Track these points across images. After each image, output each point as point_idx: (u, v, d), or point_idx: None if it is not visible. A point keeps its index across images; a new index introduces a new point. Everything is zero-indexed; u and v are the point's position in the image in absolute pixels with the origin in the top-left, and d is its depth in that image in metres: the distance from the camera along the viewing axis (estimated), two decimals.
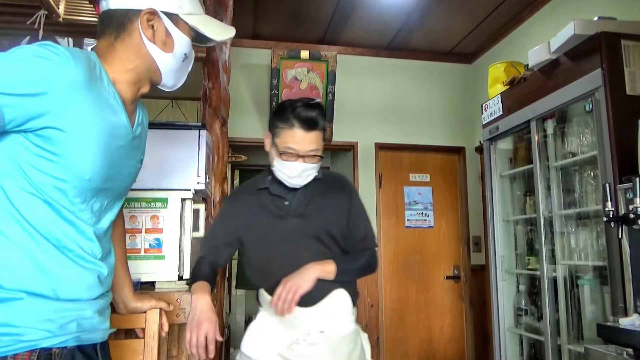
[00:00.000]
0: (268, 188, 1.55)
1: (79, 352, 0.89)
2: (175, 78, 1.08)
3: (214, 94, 2.50)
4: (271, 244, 1.52)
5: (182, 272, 1.69)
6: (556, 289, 2.40)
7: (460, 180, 4.18)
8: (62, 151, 0.85)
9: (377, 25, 3.72)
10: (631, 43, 2.04)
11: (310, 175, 1.50)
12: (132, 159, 1.05)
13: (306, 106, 1.44)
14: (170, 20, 1.00)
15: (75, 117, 0.85)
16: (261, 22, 3.66)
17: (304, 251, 1.48)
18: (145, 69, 1.01)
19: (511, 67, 2.82)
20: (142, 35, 0.97)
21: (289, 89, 3.78)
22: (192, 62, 1.10)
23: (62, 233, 0.89)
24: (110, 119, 0.93)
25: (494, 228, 2.90)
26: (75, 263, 0.91)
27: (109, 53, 0.97)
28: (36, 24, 2.36)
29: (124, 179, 1.03)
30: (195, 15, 1.04)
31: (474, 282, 4.00)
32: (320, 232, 1.50)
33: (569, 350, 2.30)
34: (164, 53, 1.00)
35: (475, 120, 3.92)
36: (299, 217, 1.51)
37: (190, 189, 1.76)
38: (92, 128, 0.88)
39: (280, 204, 1.53)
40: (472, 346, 3.94)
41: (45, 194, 0.86)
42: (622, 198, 1.81)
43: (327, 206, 1.55)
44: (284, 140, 1.45)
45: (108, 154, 0.93)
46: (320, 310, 1.46)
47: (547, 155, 2.50)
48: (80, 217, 0.92)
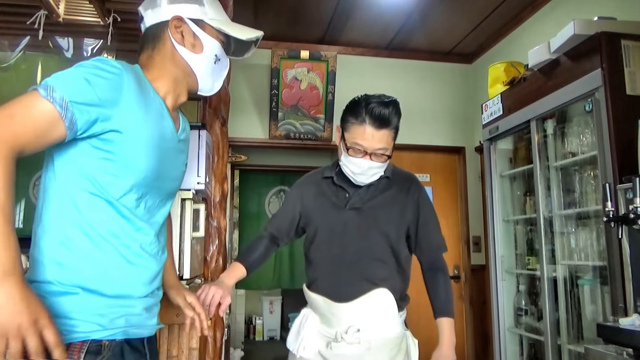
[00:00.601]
0: (333, 177, 1.56)
1: (127, 345, 0.96)
2: (211, 81, 1.16)
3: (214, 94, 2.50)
4: (323, 233, 1.53)
5: (182, 272, 1.69)
6: (556, 289, 2.40)
7: (460, 180, 4.18)
8: (121, 151, 0.94)
9: (377, 25, 3.72)
10: (631, 43, 2.04)
11: (376, 174, 1.48)
12: (179, 161, 1.15)
13: (380, 103, 1.40)
14: (196, 25, 1.09)
15: (130, 120, 0.95)
16: (261, 22, 3.65)
17: (349, 246, 1.48)
18: (181, 74, 1.10)
19: (511, 67, 2.82)
20: (173, 41, 1.08)
21: (289, 89, 3.78)
22: (227, 68, 1.18)
23: (120, 230, 0.97)
24: (159, 123, 1.03)
25: (494, 228, 2.90)
26: (129, 262, 0.98)
27: (149, 64, 1.09)
28: (36, 24, 2.36)
29: (173, 179, 1.13)
30: (220, 20, 1.12)
31: (474, 282, 4.00)
32: (372, 230, 1.49)
33: (569, 350, 2.30)
34: (194, 54, 1.09)
35: (475, 120, 3.92)
36: (355, 210, 1.50)
37: (190, 189, 1.76)
38: (144, 129, 0.98)
39: (342, 194, 1.54)
40: (472, 346, 3.94)
41: (107, 193, 0.95)
42: (622, 198, 1.81)
43: (388, 205, 1.52)
44: (353, 135, 1.43)
45: (159, 153, 1.02)
46: (357, 307, 1.43)
47: (547, 155, 2.50)
48: (136, 214, 1.00)
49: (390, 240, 1.49)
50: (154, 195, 1.06)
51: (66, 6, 2.34)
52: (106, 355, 0.91)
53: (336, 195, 1.54)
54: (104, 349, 0.92)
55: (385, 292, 1.46)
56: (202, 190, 1.86)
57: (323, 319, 1.49)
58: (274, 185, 5.58)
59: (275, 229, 1.62)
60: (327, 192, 1.56)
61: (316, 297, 1.50)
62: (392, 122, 1.41)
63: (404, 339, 1.50)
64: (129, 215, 0.98)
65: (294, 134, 3.85)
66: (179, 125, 1.14)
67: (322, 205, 1.55)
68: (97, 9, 2.33)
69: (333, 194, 1.55)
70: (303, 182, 1.67)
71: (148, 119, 0.99)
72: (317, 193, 1.58)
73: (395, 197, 1.54)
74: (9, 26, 2.55)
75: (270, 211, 5.54)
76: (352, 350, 1.41)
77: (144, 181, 1.00)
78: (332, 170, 1.59)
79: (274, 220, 1.65)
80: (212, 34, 1.11)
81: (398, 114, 1.43)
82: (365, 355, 1.41)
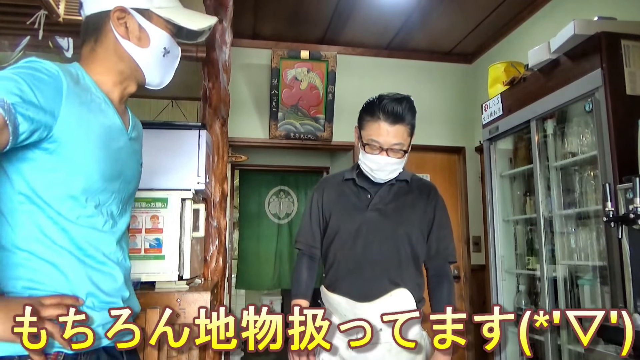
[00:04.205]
0: (354, 179, 1.58)
1: (104, 354, 0.93)
2: (160, 75, 1.06)
3: (214, 94, 2.50)
4: (345, 233, 1.54)
5: (182, 272, 1.69)
6: (556, 289, 2.40)
7: (460, 180, 4.18)
8: (67, 157, 0.88)
9: (377, 26, 3.72)
10: (631, 43, 2.04)
11: (395, 171, 1.51)
12: (133, 160, 1.07)
13: (393, 100, 1.46)
14: (142, 15, 0.99)
15: (72, 125, 0.88)
16: (261, 22, 3.66)
17: (372, 246, 1.50)
18: (126, 68, 1.01)
19: (511, 67, 2.82)
20: (116, 34, 0.98)
21: (289, 89, 3.78)
22: (177, 58, 1.09)
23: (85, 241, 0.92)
24: (104, 123, 0.96)
25: (494, 228, 2.90)
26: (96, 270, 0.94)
27: (91, 57, 1.00)
28: (36, 24, 2.36)
29: (129, 181, 1.05)
30: (168, 8, 1.02)
31: (474, 282, 4.00)
32: (394, 231, 1.51)
33: (569, 350, 2.30)
34: (140, 48, 1.00)
35: (475, 120, 3.91)
36: (376, 212, 1.53)
37: (190, 189, 1.76)
38: (88, 132, 0.91)
39: (363, 196, 1.56)
40: (472, 346, 3.94)
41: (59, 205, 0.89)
42: (622, 198, 1.81)
43: (409, 208, 1.55)
44: (369, 132, 1.48)
45: (109, 155, 0.95)
46: (379, 306, 1.44)
47: (547, 155, 2.50)
48: (95, 224, 0.95)
49: (412, 241, 1.52)
50: (116, 201, 1.00)
51: (66, 6, 2.34)
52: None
53: (357, 197, 1.57)
54: (81, 357, 0.88)
55: (406, 293, 1.48)
56: (202, 190, 1.86)
57: (344, 319, 1.48)
58: (274, 185, 5.58)
59: (311, 239, 1.63)
60: (348, 194, 1.59)
61: (338, 297, 1.51)
62: (406, 118, 1.47)
63: (422, 339, 1.50)
64: (89, 225, 0.93)
65: (294, 134, 3.85)
66: (128, 122, 1.06)
67: (343, 207, 1.58)
68: None
69: (354, 195, 1.58)
70: (322, 185, 1.69)
71: (91, 121, 0.92)
72: (338, 194, 1.61)
73: (416, 201, 1.57)
74: (9, 26, 2.54)
75: (270, 211, 5.54)
76: (371, 352, 1.41)
77: (100, 185, 0.94)
78: (352, 172, 1.62)
79: (303, 232, 1.66)
80: (159, 24, 1.01)
81: (412, 110, 1.50)
82: (387, 356, 1.41)
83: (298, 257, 1.67)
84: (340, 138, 3.94)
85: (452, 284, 1.58)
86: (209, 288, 1.80)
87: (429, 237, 1.56)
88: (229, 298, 4.44)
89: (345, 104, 3.86)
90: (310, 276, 1.62)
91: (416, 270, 1.54)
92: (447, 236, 1.59)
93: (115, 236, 1.00)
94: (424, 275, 1.59)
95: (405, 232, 1.51)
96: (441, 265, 1.58)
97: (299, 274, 1.62)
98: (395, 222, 1.52)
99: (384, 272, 1.48)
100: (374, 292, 1.46)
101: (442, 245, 1.57)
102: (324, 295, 1.57)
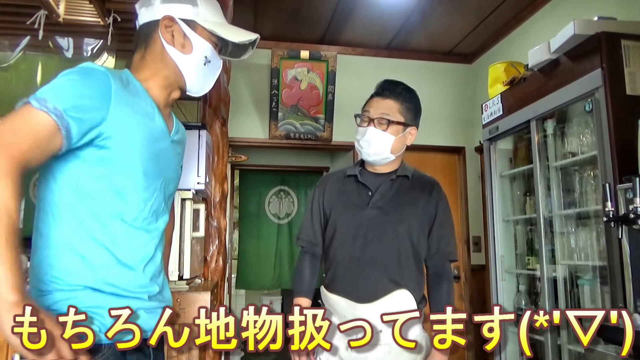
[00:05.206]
0: (356, 175, 1.58)
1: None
2: (200, 83, 1.15)
3: (214, 94, 2.50)
4: (344, 232, 1.53)
5: (182, 272, 1.69)
6: (556, 289, 2.40)
7: (460, 180, 4.18)
8: (115, 155, 0.96)
9: (377, 26, 3.72)
10: (631, 43, 2.04)
11: (380, 147, 1.52)
12: (175, 162, 1.15)
13: (392, 80, 1.59)
14: (188, 25, 1.09)
15: (121, 124, 0.95)
16: (261, 22, 3.65)
17: (372, 245, 1.49)
18: (171, 73, 1.10)
19: (511, 67, 2.82)
20: (162, 40, 1.08)
21: (289, 89, 3.78)
22: (218, 70, 1.17)
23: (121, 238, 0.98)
24: (149, 124, 1.03)
25: (494, 228, 2.90)
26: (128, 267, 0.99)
27: (141, 65, 1.09)
28: (36, 24, 2.36)
29: (170, 180, 1.12)
30: (214, 22, 1.11)
31: (474, 282, 4.00)
32: (395, 229, 1.50)
33: (569, 350, 2.30)
34: (183, 55, 1.09)
35: (475, 120, 3.91)
36: (377, 209, 1.52)
37: (190, 189, 1.76)
38: (134, 131, 0.98)
39: (364, 193, 1.56)
40: (472, 346, 3.94)
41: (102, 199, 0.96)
42: (622, 198, 1.81)
43: (410, 205, 1.54)
44: (364, 107, 1.57)
45: (152, 153, 1.03)
46: (379, 307, 1.42)
47: (547, 155, 2.50)
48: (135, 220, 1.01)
49: (412, 240, 1.50)
50: (158, 199, 1.07)
51: (66, 6, 2.34)
52: (106, 354, 0.91)
53: (358, 194, 1.56)
54: (104, 347, 0.91)
55: (406, 293, 1.46)
56: (202, 190, 1.86)
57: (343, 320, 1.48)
58: (274, 185, 5.58)
59: (313, 236, 1.63)
60: (349, 191, 1.58)
61: (337, 298, 1.49)
62: (399, 95, 1.53)
63: (423, 340, 1.49)
64: (134, 224, 1.00)
65: (294, 134, 3.85)
66: (172, 126, 1.14)
67: (343, 204, 1.57)
68: (97, 9, 2.33)
69: (355, 193, 1.57)
70: (323, 182, 1.69)
71: (136, 120, 0.99)
72: (339, 191, 1.60)
73: (417, 199, 1.55)
74: (9, 26, 2.55)
75: (270, 211, 5.54)
76: (371, 353, 1.40)
77: (139, 182, 1.00)
78: (355, 169, 1.61)
79: (304, 229, 1.65)
80: (203, 35, 1.10)
81: (409, 92, 1.57)
82: (386, 358, 1.40)
83: (300, 254, 1.66)
84: (340, 138, 3.94)
85: (452, 283, 1.57)
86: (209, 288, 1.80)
87: (430, 235, 1.55)
88: (229, 298, 4.44)
89: (345, 104, 3.86)
90: (312, 273, 1.61)
91: (417, 269, 1.53)
92: (448, 234, 1.57)
93: (153, 235, 1.06)
94: (424, 274, 1.58)
95: (406, 231, 1.50)
96: (442, 264, 1.57)
97: (301, 271, 1.61)
98: (396, 220, 1.51)
99: (384, 272, 1.47)
100: (374, 292, 1.45)
101: (443, 244, 1.56)
102: (323, 295, 1.56)
